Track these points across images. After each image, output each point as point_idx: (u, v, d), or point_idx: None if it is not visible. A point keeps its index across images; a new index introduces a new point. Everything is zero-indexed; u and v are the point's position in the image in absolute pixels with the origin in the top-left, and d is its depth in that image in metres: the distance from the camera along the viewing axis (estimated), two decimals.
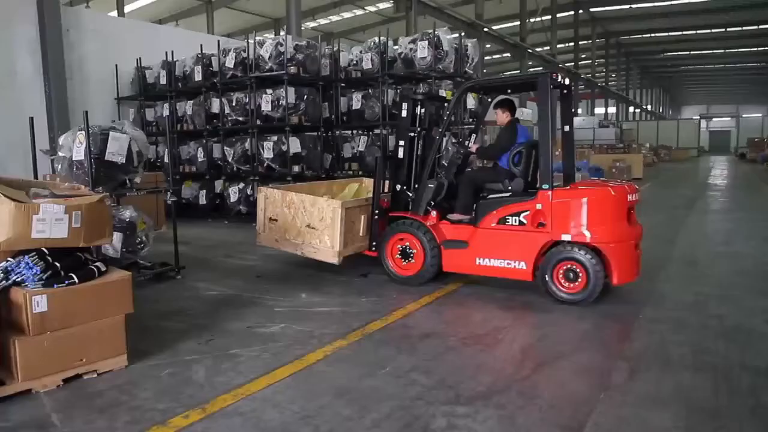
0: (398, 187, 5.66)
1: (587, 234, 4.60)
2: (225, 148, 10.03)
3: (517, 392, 3.11)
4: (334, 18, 27.79)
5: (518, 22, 25.02)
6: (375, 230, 5.65)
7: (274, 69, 9.22)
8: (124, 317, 3.49)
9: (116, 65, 11.48)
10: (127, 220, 5.44)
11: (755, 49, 39.20)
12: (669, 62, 45.84)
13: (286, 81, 9.06)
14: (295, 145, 9.34)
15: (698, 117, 45.97)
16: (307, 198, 5.72)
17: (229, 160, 10.00)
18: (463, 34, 10.53)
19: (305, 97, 9.43)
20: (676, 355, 3.64)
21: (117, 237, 5.22)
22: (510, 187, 5.13)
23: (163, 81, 11.05)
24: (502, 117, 5.45)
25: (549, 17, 26.88)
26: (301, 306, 4.84)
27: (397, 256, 5.52)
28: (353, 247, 5.69)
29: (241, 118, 9.87)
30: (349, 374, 3.38)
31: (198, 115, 10.49)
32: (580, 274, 4.63)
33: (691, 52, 40.42)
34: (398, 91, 9.35)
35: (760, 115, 51.76)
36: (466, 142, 5.92)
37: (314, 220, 5.61)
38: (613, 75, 45.72)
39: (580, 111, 38.95)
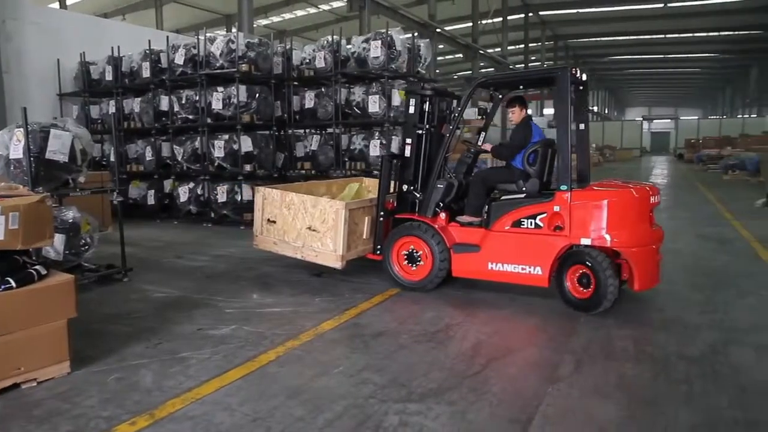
0: (405, 187, 5.40)
1: (608, 238, 4.35)
2: (174, 146, 9.81)
3: (469, 388, 3.17)
4: (287, 16, 27.54)
5: (470, 24, 25.41)
6: (380, 233, 5.42)
7: (226, 66, 9.07)
8: (66, 322, 3.36)
9: (58, 60, 11.02)
10: (70, 221, 5.25)
11: (691, 55, 41.12)
12: (614, 65, 47.45)
13: (237, 79, 8.93)
14: (246, 144, 9.21)
15: (641, 118, 47.81)
16: (309, 198, 5.44)
17: (179, 159, 9.78)
18: (416, 34, 10.65)
19: (257, 95, 9.31)
20: (619, 348, 3.78)
21: (59, 239, 5.03)
22: (525, 188, 4.89)
23: (108, 77, 10.69)
24: (518, 114, 5.18)
25: (500, 19, 27.39)
26: (253, 307, 4.78)
27: (404, 260, 5.26)
28: (356, 251, 5.46)
29: (191, 116, 9.67)
30: (301, 374, 3.37)
31: (146, 112, 10.21)
32: (593, 280, 4.40)
33: (634, 57, 41.99)
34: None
35: (696, 117, 54.26)
36: (478, 141, 5.65)
37: (316, 221, 5.35)
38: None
39: (530, 111, 39.83)
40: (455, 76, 41.67)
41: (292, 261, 6.49)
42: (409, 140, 5.35)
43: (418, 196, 5.35)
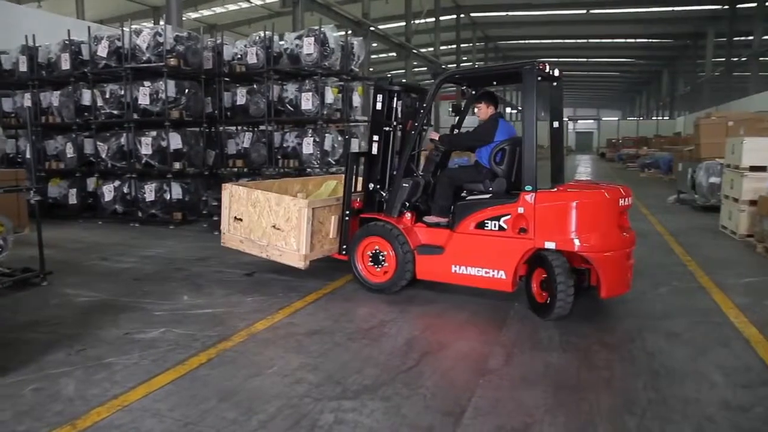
0: (371, 186, 5.22)
1: (573, 242, 4.13)
2: (98, 143, 9.36)
3: (403, 383, 3.22)
4: (219, 10, 26.84)
5: (404, 23, 25.67)
6: (345, 233, 5.27)
7: (153, 60, 8.74)
8: None
9: None
10: None
11: (612, 60, 43.35)
12: None
13: (165, 73, 8.64)
14: (175, 141, 8.92)
15: (566, 119, 49.83)
16: (273, 196, 5.30)
17: (103, 156, 9.34)
18: (349, 32, 10.62)
19: (186, 90, 9.04)
20: (545, 339, 3.94)
21: None
22: (491, 188, 4.71)
23: (23, 68, 10.05)
24: (484, 111, 4.98)
25: (433, 19, 27.84)
26: (183, 309, 4.65)
27: (369, 261, 5.09)
28: (322, 251, 5.36)
29: (115, 112, 9.25)
30: (234, 376, 3.31)
31: (66, 106, 9.67)
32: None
33: (560, 59, 43.78)
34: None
35: (617, 118, 57.32)
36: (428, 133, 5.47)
37: (280, 220, 5.23)
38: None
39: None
40: (388, 75, 41.92)
41: (223, 260, 6.37)
42: (376, 137, 5.16)
43: (384, 195, 5.19)
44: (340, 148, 9.74)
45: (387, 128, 5.21)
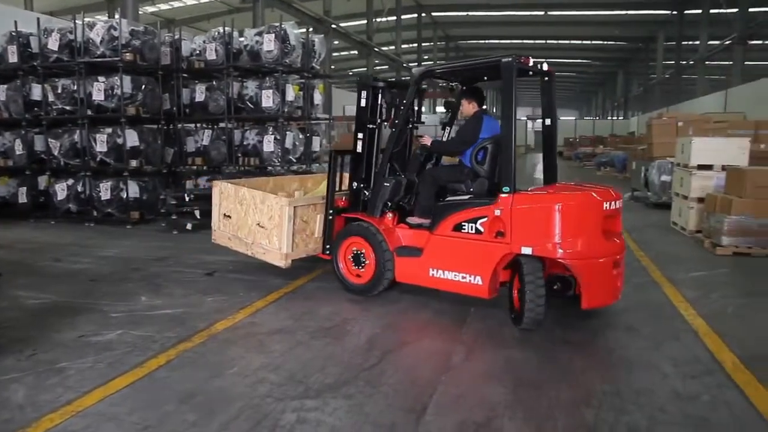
0: (355, 184, 5.07)
1: (550, 247, 3.89)
2: (49, 140, 9.02)
3: (365, 381, 3.23)
4: (176, 4, 26.25)
5: (365, 21, 25.66)
6: (329, 232, 5.13)
7: (107, 55, 8.49)
8: None
9: None
10: None
11: (569, 60, 44.37)
12: None
13: (121, 69, 8.40)
14: (132, 138, 8.69)
15: (525, 118, 50.72)
16: (258, 194, 5.26)
17: (55, 153, 9.01)
18: (310, 29, 10.58)
19: (143, 86, 8.82)
20: (507, 336, 4.01)
21: None
22: (472, 189, 4.54)
23: None
24: (468, 108, 4.82)
25: (394, 18, 27.91)
26: (141, 310, 4.54)
27: (351, 262, 4.96)
28: (306, 250, 5.30)
29: (68, 107, 8.94)
30: (194, 378, 3.26)
31: (14, 101, 9.28)
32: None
33: None
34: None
35: (574, 118, 58.68)
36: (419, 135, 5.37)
37: (264, 218, 5.18)
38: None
39: (423, 109, 40.90)
40: (350, 73, 41.85)
41: (182, 260, 6.26)
42: (360, 135, 5.01)
43: (366, 194, 5.04)
44: (301, 146, 9.70)
45: (371, 126, 5.04)
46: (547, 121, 4.71)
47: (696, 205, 7.65)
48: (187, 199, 8.40)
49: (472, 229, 4.26)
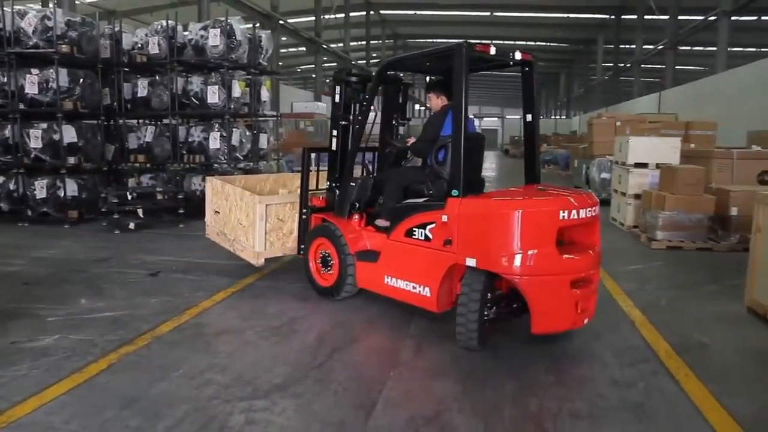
0: (329, 183, 4.85)
1: (496, 260, 3.47)
2: None
3: (314, 379, 3.22)
4: None
5: (313, 18, 25.48)
6: (304, 232, 4.96)
7: (41, 46, 8.10)
8: None
9: None
10: None
11: None
12: None
13: (56, 61, 8.02)
14: (69, 134, 8.33)
15: (472, 116, 51.84)
16: (238, 191, 5.25)
17: None
18: (257, 24, 10.42)
19: (81, 80, 8.46)
20: (454, 332, 4.06)
21: None
22: (431, 191, 4.12)
23: None
24: (435, 102, 4.48)
25: (343, 15, 27.83)
26: (81, 313, 4.37)
27: (319, 263, 4.78)
28: (283, 249, 5.24)
29: None
30: (137, 382, 3.16)
31: None
32: None
33: None
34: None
35: (519, 117, 60.15)
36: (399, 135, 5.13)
37: (242, 215, 5.20)
38: (401, 75, 49.12)
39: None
40: (299, 69, 41.48)
41: (125, 260, 6.06)
42: (335, 132, 4.80)
43: (337, 193, 4.81)
44: (249, 144, 9.56)
45: (344, 122, 4.81)
46: (528, 117, 4.30)
47: (633, 201, 8.00)
48: (129, 197, 8.13)
49: (422, 236, 3.94)
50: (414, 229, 4.00)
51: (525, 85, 4.27)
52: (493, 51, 3.87)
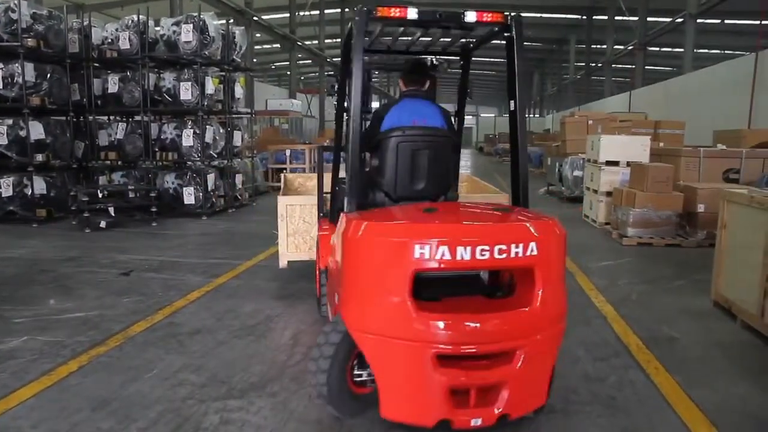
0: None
1: (336, 303, 2.77)
2: None
3: (290, 378, 3.21)
4: None
5: (288, 14, 25.27)
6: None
7: (5, 39, 7.91)
8: None
9: None
10: None
11: (486, 59, 45.82)
12: None
13: (22, 55, 7.82)
14: (37, 131, 8.14)
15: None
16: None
17: None
18: (231, 21, 10.30)
19: (48, 75, 8.28)
20: None
21: None
22: (373, 198, 3.25)
23: None
24: (401, 88, 3.58)
25: (317, 12, 27.66)
26: (49, 314, 4.27)
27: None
28: (309, 254, 4.98)
29: None
30: (109, 383, 3.11)
31: None
32: None
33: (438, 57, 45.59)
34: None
35: (493, 115, 60.62)
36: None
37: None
38: (376, 73, 49.12)
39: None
40: (273, 66, 41.14)
41: (96, 260, 5.94)
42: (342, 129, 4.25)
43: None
44: (222, 141, 9.45)
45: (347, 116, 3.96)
46: (512, 105, 3.18)
47: (605, 198, 8.14)
48: (100, 195, 7.97)
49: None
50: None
51: (508, 59, 3.10)
52: (413, 15, 2.77)
